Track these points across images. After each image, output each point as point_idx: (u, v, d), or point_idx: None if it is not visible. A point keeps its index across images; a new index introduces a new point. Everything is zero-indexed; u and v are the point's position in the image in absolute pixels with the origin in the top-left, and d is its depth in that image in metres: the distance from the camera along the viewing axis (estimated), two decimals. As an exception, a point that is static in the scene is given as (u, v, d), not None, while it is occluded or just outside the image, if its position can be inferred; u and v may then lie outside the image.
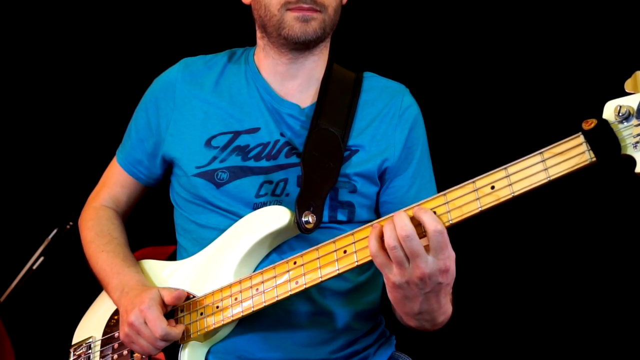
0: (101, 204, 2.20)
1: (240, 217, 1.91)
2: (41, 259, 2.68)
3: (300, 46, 1.97)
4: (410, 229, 1.55)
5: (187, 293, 1.93)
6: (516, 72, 2.75)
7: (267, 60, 2.04)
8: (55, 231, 2.69)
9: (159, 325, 1.82)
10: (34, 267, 2.68)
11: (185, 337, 1.89)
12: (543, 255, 2.79)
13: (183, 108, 2.05)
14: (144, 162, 2.15)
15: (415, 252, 1.55)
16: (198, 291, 1.92)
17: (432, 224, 1.55)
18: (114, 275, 2.00)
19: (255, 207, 1.93)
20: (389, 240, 1.57)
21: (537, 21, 2.72)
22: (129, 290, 1.92)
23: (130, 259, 2.07)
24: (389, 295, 1.66)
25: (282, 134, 1.99)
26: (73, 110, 3.09)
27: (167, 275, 2.01)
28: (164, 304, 1.87)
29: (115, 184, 2.21)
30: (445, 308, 1.69)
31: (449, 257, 1.57)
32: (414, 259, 1.56)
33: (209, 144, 1.99)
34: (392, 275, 1.59)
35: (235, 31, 2.49)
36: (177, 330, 1.85)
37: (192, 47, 2.31)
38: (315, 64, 2.04)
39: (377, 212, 2.04)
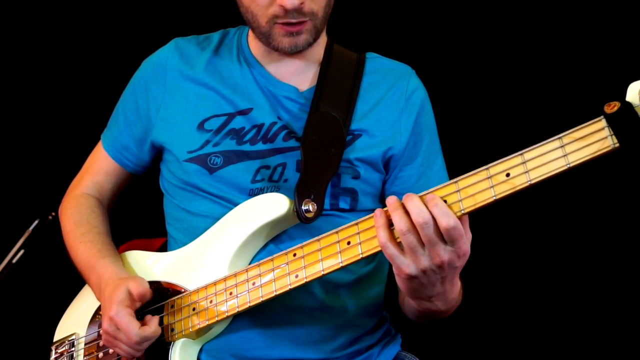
0: (83, 191, 2.20)
1: (235, 204, 1.91)
2: (21, 252, 2.66)
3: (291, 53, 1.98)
4: (427, 215, 1.53)
5: (179, 287, 1.92)
6: (533, 51, 2.72)
7: (260, 45, 2.04)
8: (36, 222, 2.67)
9: (132, 331, 1.82)
10: (14, 261, 2.65)
11: (176, 335, 1.87)
12: (557, 252, 2.77)
13: (174, 91, 2.05)
14: (132, 148, 2.14)
15: (433, 240, 1.54)
16: (190, 285, 1.91)
17: (443, 220, 1.53)
18: (91, 271, 2.01)
19: (251, 193, 1.93)
20: (401, 225, 1.55)
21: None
22: (104, 288, 1.92)
23: (108, 248, 2.07)
24: (401, 286, 1.65)
25: (279, 117, 1.98)
26: (55, 94, 3.06)
27: (156, 268, 2.00)
28: (135, 299, 1.87)
29: (99, 170, 2.20)
30: (456, 286, 1.70)
31: (466, 242, 1.57)
32: (432, 247, 1.55)
33: (201, 127, 1.99)
34: (406, 267, 1.58)
35: (228, 10, 2.47)
36: (151, 329, 1.84)
37: (184, 27, 2.30)
38: (312, 49, 2.04)
39: (383, 201, 2.03)
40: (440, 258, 1.56)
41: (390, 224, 1.59)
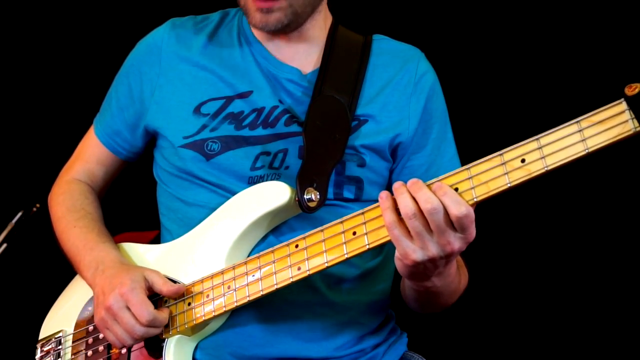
0: (74, 177, 2.21)
1: (233, 193, 1.91)
2: (4, 246, 2.66)
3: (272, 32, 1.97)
4: (435, 201, 1.54)
5: (174, 281, 1.91)
6: (550, 31, 2.73)
7: None
8: (19, 214, 2.67)
9: (146, 309, 1.81)
10: (-4, 255, 2.66)
11: (170, 331, 1.88)
12: (564, 251, 2.78)
13: (170, 73, 2.05)
14: (124, 133, 2.14)
15: (442, 227, 1.55)
16: (185, 279, 1.91)
17: (455, 209, 1.54)
18: (87, 252, 2.00)
19: (251, 180, 1.93)
20: (407, 209, 1.56)
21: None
22: (104, 269, 1.92)
23: (106, 234, 2.07)
24: (402, 270, 1.66)
25: (280, 101, 1.98)
26: (40, 83, 3.07)
27: (150, 260, 2.00)
28: (149, 289, 1.87)
29: (91, 157, 2.21)
30: (454, 262, 1.72)
31: (474, 228, 1.58)
32: (441, 234, 1.56)
33: (198, 111, 1.99)
34: (412, 252, 1.58)
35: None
36: (164, 315, 1.85)
37: (180, 6, 2.29)
38: (313, 30, 2.04)
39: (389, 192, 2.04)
40: (451, 246, 1.57)
41: (397, 209, 1.59)
